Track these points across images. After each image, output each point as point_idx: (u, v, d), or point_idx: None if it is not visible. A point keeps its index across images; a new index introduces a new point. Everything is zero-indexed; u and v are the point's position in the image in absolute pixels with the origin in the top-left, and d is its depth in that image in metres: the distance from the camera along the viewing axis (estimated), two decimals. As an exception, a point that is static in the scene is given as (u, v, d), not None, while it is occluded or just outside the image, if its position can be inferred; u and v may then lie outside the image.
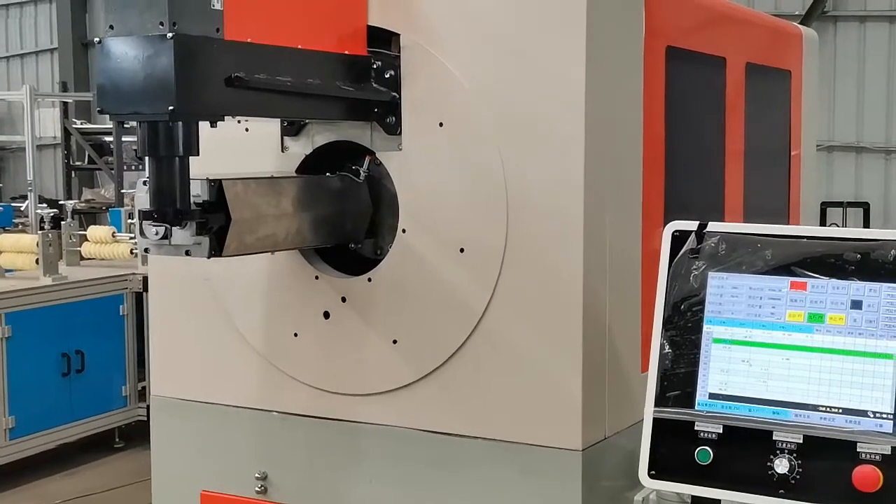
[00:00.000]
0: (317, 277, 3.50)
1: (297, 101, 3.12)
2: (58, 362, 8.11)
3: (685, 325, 2.71)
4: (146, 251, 3.03)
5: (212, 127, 2.85)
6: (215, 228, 2.94)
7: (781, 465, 2.54)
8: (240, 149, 3.54)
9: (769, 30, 4.80)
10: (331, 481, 3.53)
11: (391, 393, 3.39)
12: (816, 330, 2.59)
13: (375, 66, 3.33)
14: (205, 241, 2.92)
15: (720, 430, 2.63)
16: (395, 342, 3.36)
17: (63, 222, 9.55)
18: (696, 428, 2.65)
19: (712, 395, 2.66)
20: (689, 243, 2.74)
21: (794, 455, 2.53)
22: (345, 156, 3.48)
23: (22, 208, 13.02)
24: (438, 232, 3.29)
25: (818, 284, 2.60)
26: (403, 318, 3.36)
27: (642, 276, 3.41)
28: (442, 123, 3.26)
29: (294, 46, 3.05)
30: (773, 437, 2.57)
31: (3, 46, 21.86)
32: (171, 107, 2.66)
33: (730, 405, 2.64)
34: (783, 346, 2.62)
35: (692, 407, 2.66)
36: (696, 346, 2.69)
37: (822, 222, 13.81)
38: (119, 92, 2.73)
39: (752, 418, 2.61)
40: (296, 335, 3.54)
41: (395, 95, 3.31)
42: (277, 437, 3.62)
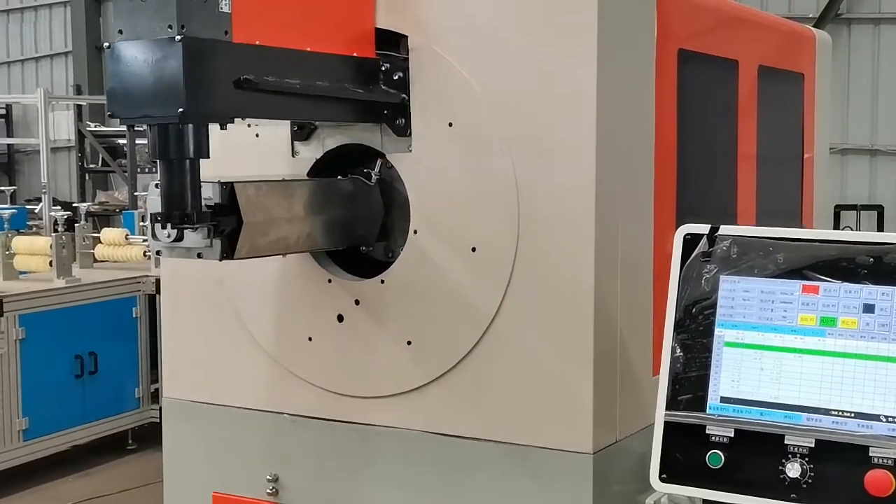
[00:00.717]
0: (330, 281, 3.50)
1: (306, 103, 3.13)
2: (71, 364, 8.13)
3: (697, 329, 2.70)
4: (158, 254, 3.04)
5: (221, 129, 2.86)
6: (227, 231, 2.96)
7: (793, 469, 2.52)
8: (251, 154, 3.56)
9: (782, 32, 4.78)
10: (342, 484, 3.53)
11: (403, 395, 3.39)
12: (829, 334, 2.58)
13: (384, 69, 3.33)
14: (217, 243, 2.93)
15: (732, 434, 2.61)
16: (409, 343, 3.36)
17: (77, 225, 9.53)
18: (707, 431, 2.63)
19: (724, 399, 2.64)
20: (701, 246, 2.73)
21: (805, 459, 2.52)
22: (355, 159, 3.49)
23: (36, 210, 13.04)
24: (450, 233, 3.29)
25: (830, 288, 2.59)
26: (416, 320, 3.35)
27: (654, 280, 3.40)
28: (451, 124, 3.26)
29: (302, 49, 3.06)
30: (785, 441, 2.55)
31: (17, 50, 21.99)
32: (180, 109, 2.67)
33: (741, 409, 2.62)
34: (795, 350, 2.61)
35: (704, 410, 2.65)
36: (708, 350, 2.68)
37: (836, 226, 13.78)
38: (129, 96, 2.75)
39: (763, 422, 2.59)
40: (310, 339, 3.54)
41: (405, 97, 3.31)
42: (289, 439, 3.62)
